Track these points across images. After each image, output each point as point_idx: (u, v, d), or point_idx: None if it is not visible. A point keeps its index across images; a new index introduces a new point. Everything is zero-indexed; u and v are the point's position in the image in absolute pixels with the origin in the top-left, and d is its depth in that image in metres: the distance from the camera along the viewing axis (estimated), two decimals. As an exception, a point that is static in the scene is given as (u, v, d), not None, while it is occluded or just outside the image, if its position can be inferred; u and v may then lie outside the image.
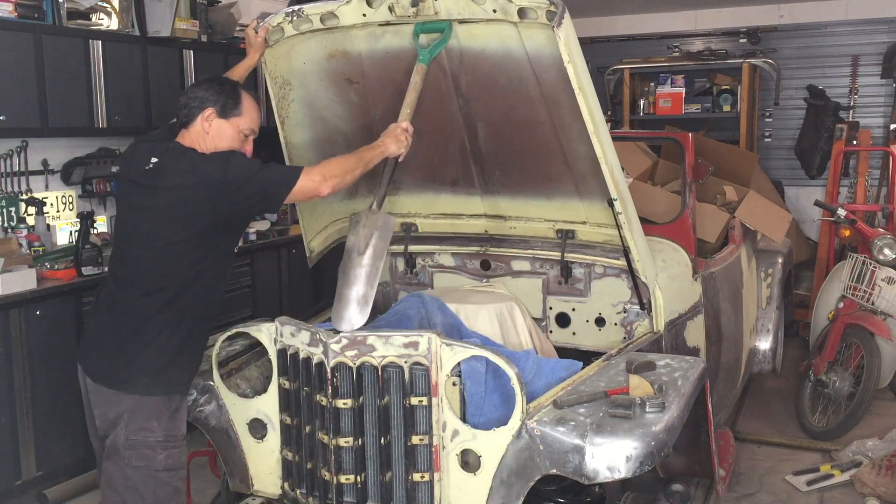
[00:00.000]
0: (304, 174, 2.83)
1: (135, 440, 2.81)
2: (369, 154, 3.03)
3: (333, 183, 2.88)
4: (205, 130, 2.91)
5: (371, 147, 3.07)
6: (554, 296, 3.74)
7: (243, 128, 2.97)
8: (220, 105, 2.91)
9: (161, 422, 2.83)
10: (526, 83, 3.17)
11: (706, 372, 3.01)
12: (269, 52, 3.37)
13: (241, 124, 2.96)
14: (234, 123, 2.94)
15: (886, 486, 4.14)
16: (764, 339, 5.33)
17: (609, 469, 2.43)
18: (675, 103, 8.00)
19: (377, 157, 3.06)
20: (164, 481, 2.84)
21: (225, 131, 2.93)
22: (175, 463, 2.87)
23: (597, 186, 3.38)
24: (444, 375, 2.69)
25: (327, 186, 2.86)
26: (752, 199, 5.05)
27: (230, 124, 2.93)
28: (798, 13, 8.01)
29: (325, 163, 2.96)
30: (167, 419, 2.85)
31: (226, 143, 2.92)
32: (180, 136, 2.94)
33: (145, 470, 2.81)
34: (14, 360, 4.15)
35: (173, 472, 2.86)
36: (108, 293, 2.96)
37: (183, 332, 2.87)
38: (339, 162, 2.96)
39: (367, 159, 3.01)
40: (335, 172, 2.89)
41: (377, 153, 3.06)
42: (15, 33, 4.42)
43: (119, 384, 2.82)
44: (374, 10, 3.11)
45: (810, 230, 7.96)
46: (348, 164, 2.95)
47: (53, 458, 4.31)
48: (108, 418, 2.86)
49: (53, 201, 5.00)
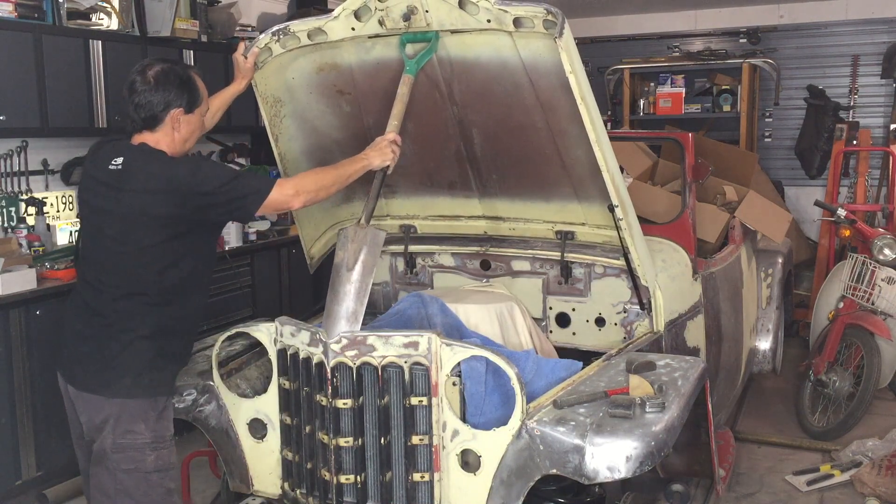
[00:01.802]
0: (277, 186, 2.81)
1: (122, 443, 2.78)
2: (350, 168, 3.02)
3: (306, 198, 2.88)
4: (175, 129, 2.88)
5: (353, 160, 3.05)
6: (554, 296, 3.74)
7: (203, 111, 2.99)
8: (186, 102, 2.87)
9: (148, 423, 2.81)
10: (521, 90, 3.17)
11: (706, 372, 3.01)
12: (258, 74, 3.37)
13: (202, 109, 2.98)
14: (199, 112, 2.95)
15: (886, 486, 4.14)
16: (764, 339, 5.33)
17: (609, 469, 2.43)
18: (675, 103, 8.00)
19: (359, 170, 3.04)
20: (156, 483, 2.82)
21: (193, 124, 2.93)
22: (165, 464, 2.84)
23: (595, 190, 3.38)
24: (444, 375, 2.69)
25: (299, 201, 2.86)
26: (752, 199, 5.05)
27: (196, 115, 2.94)
28: (798, 13, 8.02)
29: (301, 175, 2.98)
30: (154, 421, 2.83)
31: (195, 133, 2.96)
32: (142, 136, 2.87)
33: (135, 473, 2.79)
34: (14, 360, 4.15)
35: (164, 472, 2.84)
36: (81, 299, 2.91)
37: (161, 336, 2.83)
38: (315, 176, 2.96)
39: (348, 174, 3.01)
40: (308, 187, 2.88)
41: (359, 167, 3.04)
42: (15, 33, 4.42)
43: (102, 389, 2.79)
44: (363, 23, 3.11)
45: (810, 230, 7.97)
46: (325, 179, 2.95)
47: (53, 458, 4.31)
48: (94, 423, 2.83)
49: (53, 201, 5.00)
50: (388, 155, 3.09)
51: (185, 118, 2.88)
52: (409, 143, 3.61)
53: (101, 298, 2.83)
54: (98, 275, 2.86)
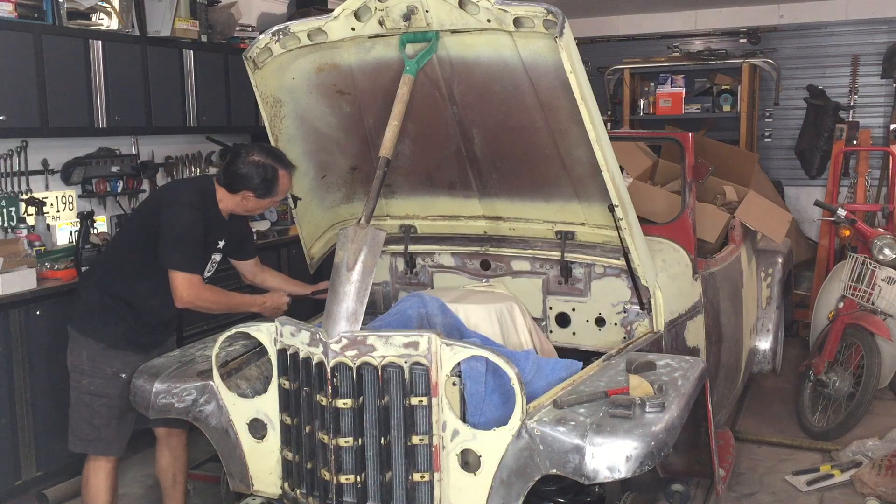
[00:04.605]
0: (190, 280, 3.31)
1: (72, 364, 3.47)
2: (242, 305, 3.61)
3: (195, 306, 3.38)
4: (241, 205, 3.49)
5: (251, 301, 3.64)
6: (554, 296, 3.74)
7: (278, 199, 3.53)
8: (260, 191, 3.43)
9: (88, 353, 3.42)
10: (521, 90, 3.17)
11: (706, 372, 3.01)
12: (258, 74, 3.39)
13: (277, 198, 3.51)
14: (270, 199, 3.50)
15: (886, 486, 4.14)
16: (764, 339, 5.33)
17: (609, 469, 2.43)
18: (675, 103, 8.01)
19: (248, 308, 3.66)
20: (86, 402, 3.44)
21: (262, 204, 3.52)
22: (97, 390, 3.42)
23: (595, 189, 3.38)
24: (444, 375, 2.69)
25: (184, 304, 3.34)
26: (752, 199, 5.05)
27: (266, 201, 3.50)
28: (798, 13, 8.02)
29: (211, 290, 3.44)
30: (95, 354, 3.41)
31: (259, 210, 3.59)
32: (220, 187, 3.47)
33: (76, 390, 3.47)
34: (14, 360, 4.15)
35: (95, 397, 3.42)
36: None
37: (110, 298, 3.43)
38: (216, 298, 3.45)
39: (235, 304, 3.56)
40: (202, 304, 3.39)
41: (250, 306, 3.65)
42: (15, 33, 4.42)
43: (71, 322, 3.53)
44: (363, 23, 3.11)
45: (810, 230, 7.97)
46: (219, 304, 3.46)
47: (53, 458, 4.31)
48: None
49: (53, 201, 5.00)
50: (278, 314, 3.57)
51: (254, 201, 3.47)
52: (409, 143, 3.61)
53: None
54: None
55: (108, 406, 3.43)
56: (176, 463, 3.71)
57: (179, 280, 3.31)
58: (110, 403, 3.43)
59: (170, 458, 3.70)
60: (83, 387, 3.44)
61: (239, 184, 3.41)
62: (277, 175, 3.42)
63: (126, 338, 3.44)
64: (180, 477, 3.75)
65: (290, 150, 3.64)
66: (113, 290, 3.45)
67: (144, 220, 3.48)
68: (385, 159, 3.10)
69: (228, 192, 3.45)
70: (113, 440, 3.47)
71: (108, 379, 3.42)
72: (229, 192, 3.45)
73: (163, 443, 3.69)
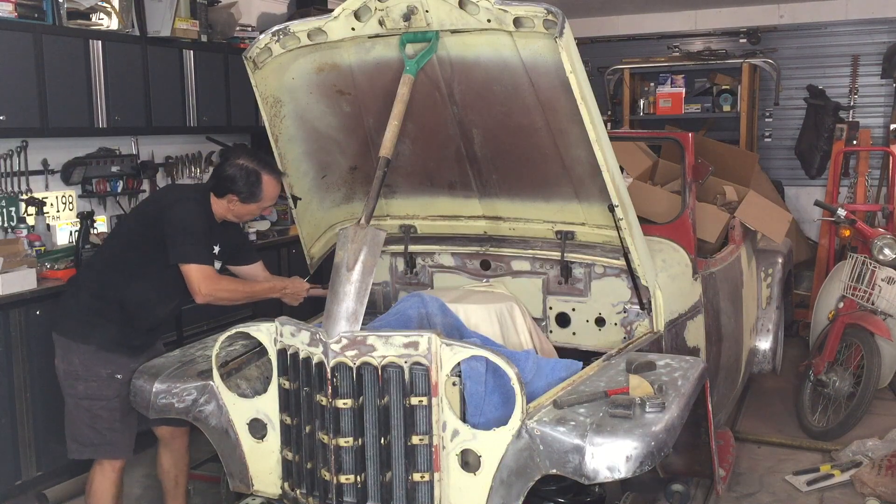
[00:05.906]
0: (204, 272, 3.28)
1: (64, 371, 3.42)
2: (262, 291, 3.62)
3: (215, 298, 3.35)
4: (230, 210, 3.47)
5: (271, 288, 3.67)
6: (554, 296, 3.74)
7: (264, 205, 3.52)
8: (244, 195, 3.41)
9: (81, 359, 3.37)
10: (521, 90, 3.17)
11: (706, 372, 3.01)
12: (258, 74, 3.39)
13: (263, 203, 3.50)
14: (257, 205, 3.48)
15: (886, 486, 4.14)
16: (764, 339, 5.33)
17: (609, 469, 2.43)
18: (675, 103, 8.01)
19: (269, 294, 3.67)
20: (85, 408, 3.40)
21: (248, 209, 3.49)
22: (94, 394, 3.39)
23: (595, 189, 3.38)
24: (444, 375, 2.69)
25: (203, 298, 3.31)
26: (752, 199, 5.05)
27: (252, 206, 3.47)
28: (798, 13, 8.02)
29: (228, 280, 3.47)
30: (87, 358, 3.37)
31: (247, 216, 3.56)
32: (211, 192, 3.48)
33: (71, 397, 3.43)
34: (14, 360, 4.15)
35: (94, 401, 3.39)
36: None
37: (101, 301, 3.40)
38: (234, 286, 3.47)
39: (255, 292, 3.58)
40: (221, 295, 3.37)
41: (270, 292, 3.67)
42: (15, 33, 4.42)
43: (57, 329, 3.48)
44: (363, 23, 3.11)
45: (810, 230, 7.97)
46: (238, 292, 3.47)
47: (53, 458, 4.31)
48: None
49: (53, 201, 5.00)
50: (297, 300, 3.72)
51: (239, 205, 3.45)
52: (409, 143, 3.61)
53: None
54: None
55: (109, 408, 3.41)
56: (178, 464, 3.70)
57: (194, 273, 3.27)
58: (110, 405, 3.41)
59: (171, 459, 3.69)
60: (80, 392, 3.41)
61: (224, 187, 3.41)
62: (261, 179, 3.40)
63: (116, 340, 3.40)
64: (182, 479, 3.73)
65: (290, 150, 3.64)
66: (105, 292, 3.41)
67: (144, 221, 3.47)
68: (385, 159, 3.10)
69: (216, 196, 3.45)
70: (119, 443, 3.46)
71: (104, 381, 3.39)
72: (216, 196, 3.45)
73: (165, 444, 3.68)
